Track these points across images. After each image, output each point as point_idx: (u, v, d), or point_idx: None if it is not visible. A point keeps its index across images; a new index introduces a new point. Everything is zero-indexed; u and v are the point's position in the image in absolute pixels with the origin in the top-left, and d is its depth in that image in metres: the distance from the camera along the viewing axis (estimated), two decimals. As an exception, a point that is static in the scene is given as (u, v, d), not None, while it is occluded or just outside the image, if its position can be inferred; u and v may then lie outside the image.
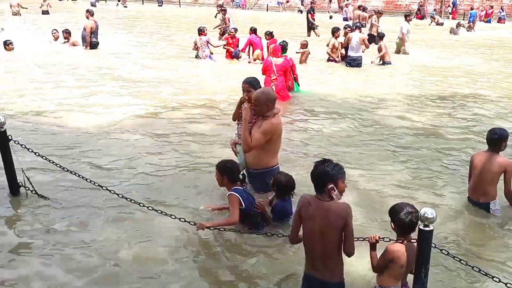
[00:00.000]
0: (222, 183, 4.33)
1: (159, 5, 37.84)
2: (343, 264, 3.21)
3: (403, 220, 3.14)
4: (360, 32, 13.70)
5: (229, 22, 17.40)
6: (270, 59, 9.49)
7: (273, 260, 4.01)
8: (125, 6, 34.24)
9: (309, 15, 20.14)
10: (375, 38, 16.45)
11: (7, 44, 13.27)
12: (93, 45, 14.25)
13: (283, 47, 10.14)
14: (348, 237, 3.10)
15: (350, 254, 3.17)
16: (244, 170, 4.77)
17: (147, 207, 4.25)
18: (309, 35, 19.65)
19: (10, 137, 4.64)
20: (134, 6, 35.22)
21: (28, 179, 4.83)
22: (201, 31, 13.45)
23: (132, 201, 4.34)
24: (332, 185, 3.06)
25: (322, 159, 3.25)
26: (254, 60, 13.13)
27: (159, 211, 4.18)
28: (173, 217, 4.10)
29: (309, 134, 7.36)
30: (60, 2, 34.37)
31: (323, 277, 3.14)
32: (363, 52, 13.46)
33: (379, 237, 3.30)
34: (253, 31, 14.00)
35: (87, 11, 14.44)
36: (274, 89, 9.19)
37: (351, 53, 13.27)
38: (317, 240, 3.12)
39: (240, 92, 5.02)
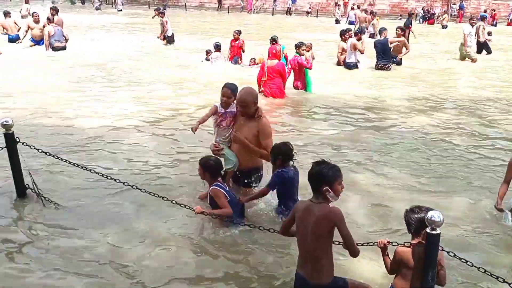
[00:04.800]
0: (204, 177, 4.52)
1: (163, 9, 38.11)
2: (330, 268, 3.16)
3: (405, 219, 3.21)
4: (359, 38, 13.67)
5: (167, 25, 17.33)
6: (266, 61, 9.82)
7: (265, 255, 4.03)
8: (120, 10, 34.50)
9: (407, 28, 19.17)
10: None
11: None
12: (59, 49, 14.42)
13: (295, 47, 10.27)
14: (345, 240, 3.11)
15: (353, 256, 3.19)
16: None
17: (154, 194, 4.36)
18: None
19: (17, 139, 4.66)
20: (137, 10, 35.47)
21: (34, 182, 4.84)
22: (217, 48, 13.51)
23: (135, 187, 4.43)
24: (327, 187, 3.06)
25: (320, 159, 3.25)
26: (257, 64, 13.11)
27: (164, 198, 4.30)
28: (174, 202, 4.29)
29: (313, 136, 7.34)
30: (70, 6, 34.72)
31: (307, 276, 3.16)
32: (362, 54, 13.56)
33: (388, 242, 3.28)
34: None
35: (48, 18, 14.75)
36: (269, 91, 9.49)
37: (346, 59, 13.52)
38: (306, 242, 3.15)
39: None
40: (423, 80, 12.39)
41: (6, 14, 16.71)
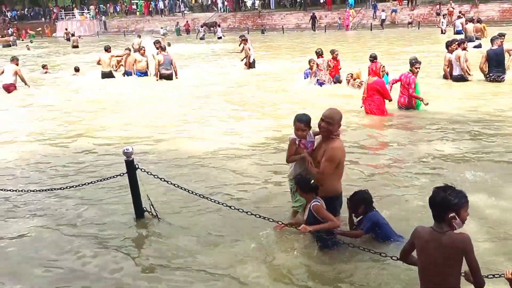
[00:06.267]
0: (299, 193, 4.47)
1: (262, 33, 39.30)
2: None
3: None
4: (463, 49, 12.79)
5: (249, 51, 17.62)
6: (368, 78, 9.75)
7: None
8: (220, 37, 36.37)
9: None
10: None
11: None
12: (164, 76, 15.27)
13: (410, 62, 9.90)
14: (472, 269, 2.91)
15: (480, 287, 2.95)
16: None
17: (266, 218, 4.48)
18: None
19: (137, 166, 5.04)
20: (236, 37, 36.85)
21: (152, 205, 5.18)
22: (320, 54, 13.37)
23: (258, 215, 4.54)
24: (454, 214, 2.87)
25: (443, 184, 3.05)
26: (354, 79, 12.83)
27: (270, 220, 4.44)
28: (280, 222, 4.48)
29: (422, 154, 6.99)
30: (177, 37, 37.17)
31: None
32: (465, 69, 12.62)
33: None
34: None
35: (160, 47, 15.73)
36: (368, 109, 9.40)
37: (453, 71, 12.79)
38: (432, 273, 2.97)
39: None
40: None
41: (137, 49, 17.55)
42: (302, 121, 4.62)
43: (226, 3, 52.10)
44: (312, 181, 4.22)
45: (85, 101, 12.93)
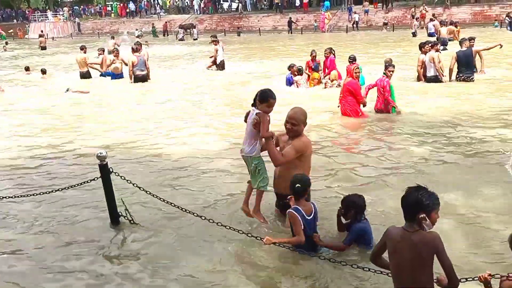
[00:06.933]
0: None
1: (238, 35, 39.30)
2: None
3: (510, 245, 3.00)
4: (436, 50, 13.03)
5: (217, 53, 17.85)
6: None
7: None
8: (195, 39, 36.18)
9: None
10: None
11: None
12: (139, 78, 15.13)
13: (384, 66, 10.08)
14: (446, 268, 2.93)
15: (454, 286, 2.98)
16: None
17: (246, 234, 4.36)
18: None
19: (111, 169, 4.93)
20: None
21: (126, 209, 5.08)
22: (300, 72, 13.42)
23: (228, 227, 4.46)
24: (424, 215, 2.90)
25: (416, 185, 3.08)
26: (332, 81, 12.89)
27: (240, 232, 4.36)
28: (250, 235, 4.30)
29: (397, 155, 7.06)
30: (153, 39, 36.85)
31: None
32: (439, 71, 12.82)
33: (489, 275, 3.03)
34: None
35: (132, 48, 15.46)
36: (343, 109, 9.50)
37: (427, 72, 12.99)
38: (405, 273, 2.99)
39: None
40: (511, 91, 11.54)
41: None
42: (274, 98, 4.54)
43: (203, 5, 51.88)
44: (297, 185, 4.15)
45: (57, 104, 12.62)
